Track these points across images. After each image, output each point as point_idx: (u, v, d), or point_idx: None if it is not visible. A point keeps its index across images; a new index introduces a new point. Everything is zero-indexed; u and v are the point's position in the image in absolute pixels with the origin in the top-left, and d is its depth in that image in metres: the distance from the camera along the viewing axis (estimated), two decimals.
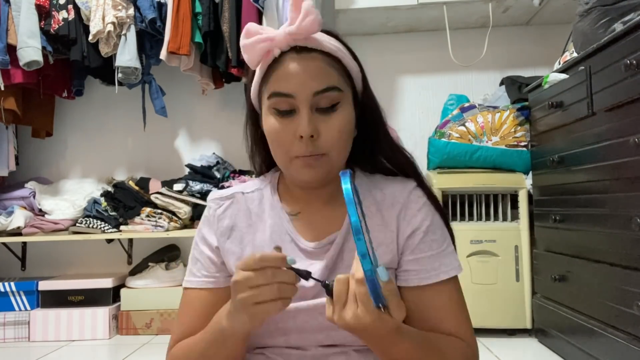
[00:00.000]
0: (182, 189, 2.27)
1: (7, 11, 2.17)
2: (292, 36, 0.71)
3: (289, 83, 0.71)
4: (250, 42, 0.73)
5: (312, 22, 0.71)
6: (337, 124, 0.72)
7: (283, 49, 0.73)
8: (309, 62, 0.72)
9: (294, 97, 0.71)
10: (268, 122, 0.74)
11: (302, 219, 0.80)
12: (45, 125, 2.53)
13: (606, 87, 1.38)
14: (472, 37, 2.49)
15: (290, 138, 0.72)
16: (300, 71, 0.71)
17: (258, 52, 0.73)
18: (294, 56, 0.72)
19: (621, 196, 1.33)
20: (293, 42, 0.72)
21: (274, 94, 0.72)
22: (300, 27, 0.71)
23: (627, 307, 1.29)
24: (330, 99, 0.72)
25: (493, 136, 2.05)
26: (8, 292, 2.23)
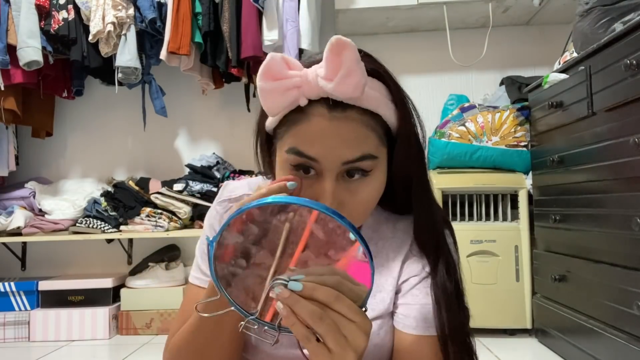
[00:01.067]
0: (182, 189, 2.27)
1: (7, 11, 2.17)
2: (326, 92, 0.57)
3: (315, 146, 0.58)
4: (270, 89, 0.58)
5: (355, 87, 0.56)
6: (366, 197, 0.61)
7: (312, 98, 0.58)
8: (344, 125, 0.58)
9: (319, 162, 0.58)
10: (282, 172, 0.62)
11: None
12: (45, 125, 2.53)
13: (606, 87, 1.38)
14: (472, 37, 2.49)
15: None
16: (329, 135, 0.57)
17: (281, 101, 0.59)
18: (324, 113, 0.58)
19: (621, 196, 1.33)
20: (326, 94, 0.57)
21: (293, 151, 0.59)
22: (337, 90, 0.56)
23: (627, 307, 1.29)
24: (362, 167, 0.59)
25: (493, 136, 2.05)
26: (8, 292, 2.23)
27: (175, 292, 2.24)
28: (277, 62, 0.58)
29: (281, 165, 0.62)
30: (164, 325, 2.20)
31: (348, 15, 2.32)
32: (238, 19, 2.13)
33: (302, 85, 0.57)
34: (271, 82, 0.58)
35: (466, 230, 1.98)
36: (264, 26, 2.13)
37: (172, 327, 0.77)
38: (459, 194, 2.03)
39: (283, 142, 0.61)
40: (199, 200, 2.28)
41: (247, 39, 2.10)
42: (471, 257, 1.96)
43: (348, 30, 2.48)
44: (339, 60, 0.55)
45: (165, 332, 2.18)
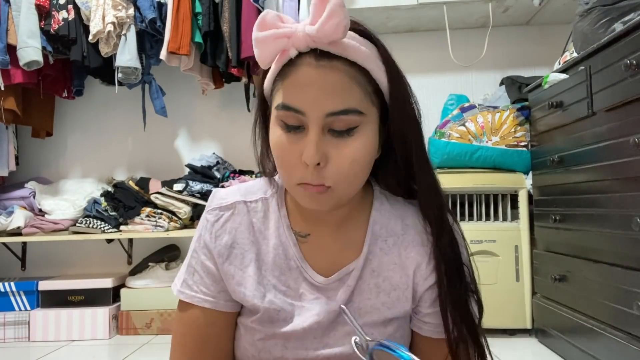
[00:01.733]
0: (182, 189, 2.27)
1: (7, 11, 2.17)
2: (311, 38, 0.59)
3: (300, 97, 0.59)
4: (263, 37, 0.60)
5: (336, 27, 0.57)
6: (351, 153, 0.60)
7: (301, 50, 0.60)
8: (328, 74, 0.59)
9: (305, 114, 0.59)
10: (274, 133, 0.63)
11: (311, 242, 0.70)
12: (45, 125, 2.53)
13: (606, 87, 1.38)
14: (472, 37, 2.49)
15: (295, 160, 0.61)
16: (316, 84, 0.59)
17: (272, 49, 0.61)
18: (311, 62, 0.59)
19: (621, 196, 1.33)
20: (313, 45, 0.59)
21: (282, 106, 0.61)
22: (320, 31, 0.57)
23: (627, 307, 1.29)
24: (346, 123, 0.59)
25: (493, 136, 2.05)
26: (8, 292, 2.23)
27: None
28: (271, 16, 0.61)
29: (273, 127, 0.63)
30: (164, 325, 2.20)
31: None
32: (238, 19, 2.13)
33: (292, 35, 0.59)
34: (263, 31, 0.61)
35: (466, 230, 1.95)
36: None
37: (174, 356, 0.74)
38: (459, 194, 2.03)
39: (274, 100, 0.63)
40: (199, 200, 2.28)
41: (247, 39, 2.10)
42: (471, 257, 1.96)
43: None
44: (323, 5, 0.58)
45: (165, 332, 2.18)
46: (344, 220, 0.71)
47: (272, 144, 0.64)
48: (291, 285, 0.70)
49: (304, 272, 0.69)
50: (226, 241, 0.70)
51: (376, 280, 0.70)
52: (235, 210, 0.72)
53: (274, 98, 0.63)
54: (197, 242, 0.73)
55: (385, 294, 0.69)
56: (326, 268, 0.70)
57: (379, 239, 0.71)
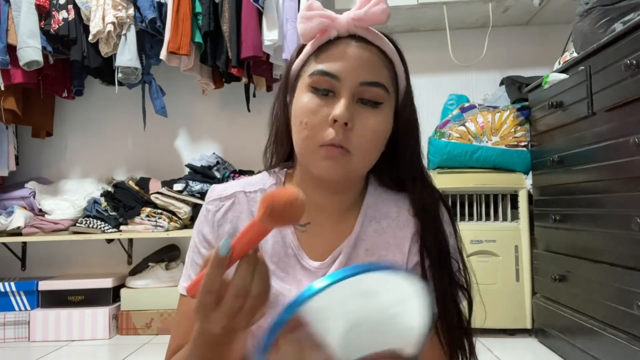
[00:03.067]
0: (182, 189, 2.27)
1: (7, 11, 2.17)
2: (355, 22, 0.67)
3: (338, 65, 0.66)
4: (310, 14, 0.68)
5: (382, 11, 0.67)
6: (374, 123, 0.66)
7: (341, 33, 0.68)
8: (365, 52, 0.67)
9: (339, 80, 0.65)
10: (301, 99, 0.68)
11: (309, 231, 0.73)
12: (45, 125, 2.53)
13: (606, 87, 1.38)
14: (472, 37, 2.49)
15: (321, 122, 0.65)
16: (353, 56, 0.66)
17: (316, 25, 0.68)
18: (350, 42, 0.68)
19: (621, 196, 1.33)
20: (354, 29, 0.68)
21: (318, 72, 0.67)
22: (368, 13, 0.66)
23: (627, 307, 1.29)
24: (375, 95, 0.67)
25: (493, 136, 2.05)
26: (8, 292, 2.23)
27: (175, 292, 2.23)
28: (317, 3, 0.70)
29: (301, 94, 0.68)
30: (164, 325, 2.20)
31: None
32: (238, 19, 2.13)
33: (335, 19, 0.68)
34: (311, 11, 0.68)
35: (466, 230, 1.98)
36: (264, 26, 2.13)
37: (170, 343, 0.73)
38: (459, 194, 2.03)
39: (307, 72, 0.69)
40: (199, 200, 2.28)
41: (247, 39, 2.10)
42: (471, 257, 1.95)
43: None
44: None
45: (165, 332, 2.18)
46: (343, 209, 0.74)
47: (297, 110, 0.68)
48: (289, 272, 0.71)
49: (300, 260, 0.71)
50: (228, 229, 0.72)
51: (370, 258, 0.72)
52: (236, 199, 0.74)
53: (305, 70, 0.70)
54: (196, 237, 0.75)
55: None
56: (322, 254, 0.72)
57: (372, 221, 0.74)
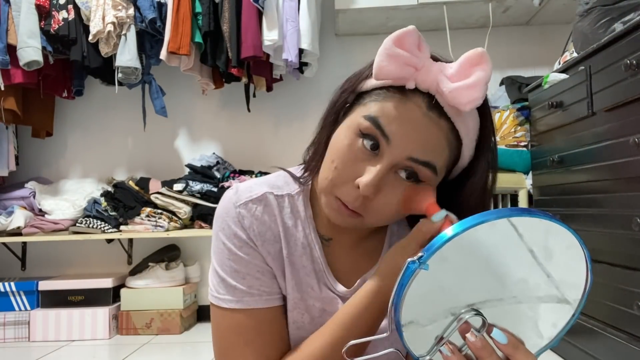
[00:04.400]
0: (182, 189, 2.27)
1: (7, 11, 2.17)
2: (437, 90, 0.57)
3: (395, 127, 0.57)
4: (394, 53, 0.57)
5: (471, 101, 0.55)
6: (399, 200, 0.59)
7: (421, 88, 0.58)
8: (431, 128, 0.57)
9: (389, 143, 0.57)
10: (343, 138, 0.60)
11: (332, 248, 0.70)
12: (45, 125, 2.53)
13: (606, 87, 1.38)
14: (472, 37, 2.49)
15: (348, 175, 0.59)
16: (416, 127, 0.57)
17: (394, 70, 0.57)
18: (422, 106, 0.57)
19: (621, 196, 1.33)
20: (435, 92, 0.58)
21: (372, 120, 0.58)
22: (452, 94, 0.55)
23: (627, 307, 1.29)
24: (419, 172, 0.58)
25: None
26: (8, 292, 2.23)
27: (175, 292, 2.24)
28: (413, 36, 0.57)
29: (347, 131, 0.60)
30: (164, 325, 2.20)
31: (348, 15, 2.32)
32: (238, 19, 2.13)
33: (421, 70, 0.57)
34: (399, 49, 0.57)
35: None
36: (264, 26, 2.13)
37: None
38: None
39: (365, 107, 0.60)
40: (199, 200, 2.28)
41: (247, 39, 2.10)
42: None
43: (348, 30, 2.48)
44: (471, 70, 0.56)
45: (165, 332, 2.18)
46: (365, 230, 0.70)
47: (335, 145, 0.61)
48: (314, 287, 0.70)
49: (325, 278, 0.69)
50: (269, 237, 0.67)
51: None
52: (266, 201, 0.68)
53: (365, 104, 0.60)
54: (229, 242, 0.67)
55: None
56: (346, 275, 0.70)
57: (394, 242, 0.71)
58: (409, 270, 0.45)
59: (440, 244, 0.44)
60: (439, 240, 0.44)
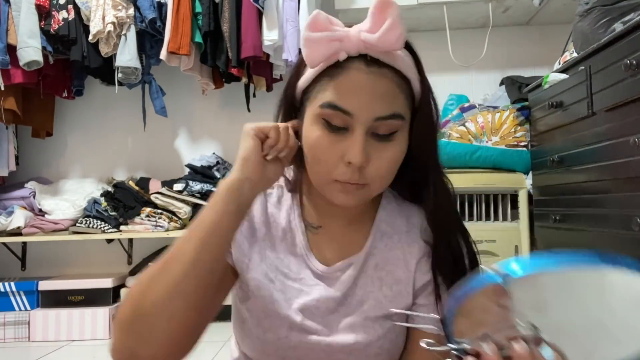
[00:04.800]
0: (182, 189, 2.27)
1: (7, 11, 2.17)
2: (367, 45, 0.61)
3: (351, 100, 0.61)
4: (316, 38, 0.61)
5: (398, 38, 0.60)
6: (390, 156, 0.63)
7: (351, 54, 0.62)
8: (379, 80, 0.61)
9: (353, 116, 0.61)
10: (312, 133, 0.64)
11: (320, 234, 0.73)
12: (45, 125, 2.53)
13: (606, 87, 1.38)
14: (472, 37, 2.49)
15: (335, 159, 0.63)
16: (366, 89, 0.61)
17: (323, 51, 0.61)
18: (362, 68, 0.61)
19: (621, 196, 1.33)
20: (365, 50, 0.61)
21: (329, 105, 0.62)
22: (381, 40, 0.59)
23: None
24: (390, 127, 0.63)
25: (493, 136, 2.05)
26: (8, 292, 2.23)
27: None
28: (322, 17, 0.61)
29: (312, 126, 0.64)
30: None
31: (348, 15, 2.32)
32: (238, 19, 2.13)
33: (344, 39, 0.61)
34: (317, 32, 0.61)
35: None
36: (264, 26, 2.13)
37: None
38: (459, 194, 2.03)
39: (317, 99, 0.64)
40: (199, 200, 2.28)
41: (247, 39, 2.10)
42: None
43: None
44: (383, 15, 0.59)
45: None
46: (354, 216, 0.73)
47: (309, 143, 0.65)
48: (293, 269, 0.71)
49: (307, 260, 0.71)
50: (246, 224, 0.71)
51: (379, 273, 0.71)
52: None
53: (315, 96, 0.64)
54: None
55: (388, 287, 0.71)
56: (329, 259, 0.72)
57: (384, 236, 0.73)
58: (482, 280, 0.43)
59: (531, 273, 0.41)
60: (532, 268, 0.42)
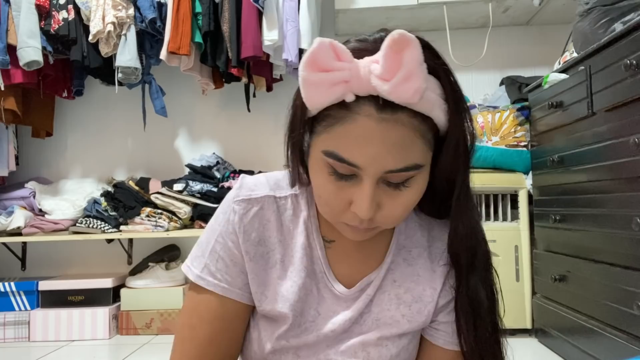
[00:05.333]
0: (182, 189, 2.27)
1: (7, 11, 2.17)
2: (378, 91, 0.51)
3: (358, 152, 0.53)
4: (315, 81, 0.52)
5: (414, 92, 0.50)
6: (404, 202, 0.57)
7: (360, 95, 0.52)
8: (391, 129, 0.52)
9: (361, 169, 0.54)
10: (317, 175, 0.58)
11: (335, 249, 0.68)
12: (45, 125, 2.53)
13: (606, 87, 1.38)
14: (472, 37, 2.49)
15: (343, 205, 0.57)
16: (375, 141, 0.52)
17: (325, 97, 0.52)
18: (372, 113, 0.52)
19: (621, 196, 1.33)
20: (376, 92, 0.51)
21: (333, 155, 0.54)
22: (393, 93, 0.50)
23: (627, 307, 1.29)
24: (404, 177, 0.55)
25: (493, 136, 2.05)
26: (8, 292, 2.23)
27: (175, 292, 2.24)
28: (324, 50, 0.51)
29: (317, 165, 0.57)
30: (164, 325, 2.20)
31: (348, 15, 2.32)
32: (238, 19, 2.13)
33: (351, 80, 0.51)
34: (317, 73, 0.51)
35: None
36: (264, 26, 2.13)
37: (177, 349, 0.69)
38: None
39: (321, 140, 0.56)
40: (199, 200, 2.28)
41: (247, 39, 2.10)
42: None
43: (348, 30, 2.48)
44: (398, 59, 0.49)
45: (165, 332, 2.18)
46: None
47: (315, 184, 0.59)
48: (313, 291, 0.68)
49: (326, 279, 0.67)
50: (253, 238, 0.66)
51: (397, 290, 0.68)
52: (265, 205, 0.67)
53: (319, 135, 0.56)
54: (224, 226, 0.67)
55: (406, 306, 0.67)
56: (348, 276, 0.68)
57: (402, 250, 0.69)
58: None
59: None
60: None
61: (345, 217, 0.58)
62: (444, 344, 0.69)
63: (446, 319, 0.68)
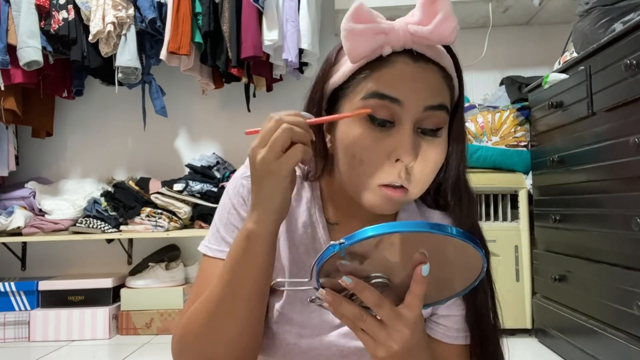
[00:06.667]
0: (182, 189, 2.27)
1: (7, 11, 2.17)
2: (415, 38, 0.57)
3: (400, 87, 0.56)
4: (359, 30, 0.56)
5: (452, 30, 0.56)
6: (435, 155, 0.59)
7: (396, 49, 0.58)
8: (427, 72, 0.58)
9: (401, 104, 0.56)
10: (351, 131, 0.58)
11: (338, 232, 0.69)
12: (45, 125, 2.53)
13: (606, 87, 1.38)
14: (472, 37, 2.49)
15: (381, 158, 0.57)
16: (414, 78, 0.57)
17: (367, 45, 0.56)
18: (408, 61, 0.58)
19: (621, 196, 1.33)
20: (411, 45, 0.57)
21: (375, 95, 0.56)
22: (434, 33, 0.56)
23: (627, 307, 1.29)
24: (437, 120, 0.58)
25: (493, 136, 2.05)
26: (8, 292, 2.23)
27: (175, 292, 2.24)
28: (365, 8, 0.57)
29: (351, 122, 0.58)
30: (164, 325, 2.20)
31: None
32: (238, 19, 2.13)
33: (390, 32, 0.57)
34: (361, 24, 0.56)
35: None
36: (264, 26, 2.13)
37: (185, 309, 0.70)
38: None
39: (356, 92, 0.59)
40: (199, 200, 2.28)
41: (247, 39, 2.10)
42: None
43: None
44: (434, 7, 0.56)
45: (165, 332, 2.18)
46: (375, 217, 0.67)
47: (348, 143, 0.59)
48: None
49: None
50: None
51: None
52: None
53: (353, 91, 0.59)
54: (235, 199, 0.70)
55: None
56: None
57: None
58: (328, 251, 0.49)
59: (357, 240, 0.48)
60: (360, 235, 0.48)
61: (382, 175, 0.57)
62: (442, 337, 0.70)
63: (445, 312, 0.70)
